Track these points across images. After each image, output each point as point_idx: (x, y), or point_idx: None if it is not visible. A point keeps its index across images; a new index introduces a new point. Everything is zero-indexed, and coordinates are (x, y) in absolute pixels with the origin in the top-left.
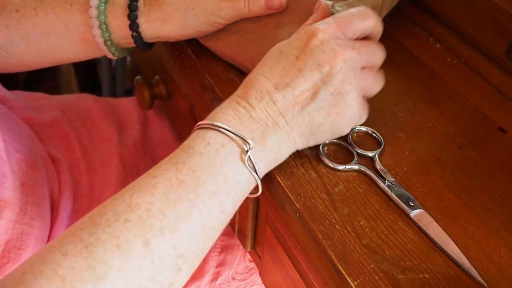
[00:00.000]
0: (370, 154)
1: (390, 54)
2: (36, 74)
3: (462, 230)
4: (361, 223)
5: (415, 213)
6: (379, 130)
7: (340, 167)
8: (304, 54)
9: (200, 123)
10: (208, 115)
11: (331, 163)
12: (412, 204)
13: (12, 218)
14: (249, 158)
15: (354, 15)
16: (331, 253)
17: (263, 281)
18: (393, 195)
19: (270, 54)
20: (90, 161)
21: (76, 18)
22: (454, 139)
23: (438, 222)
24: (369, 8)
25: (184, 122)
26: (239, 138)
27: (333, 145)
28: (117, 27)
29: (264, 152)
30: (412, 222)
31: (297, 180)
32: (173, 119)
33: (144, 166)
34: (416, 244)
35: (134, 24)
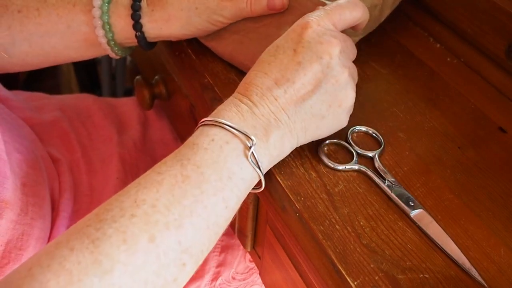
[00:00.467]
0: (370, 154)
1: (390, 54)
2: (36, 74)
3: (462, 230)
4: (361, 223)
5: (415, 213)
6: (379, 130)
7: (340, 167)
8: (302, 47)
9: (204, 120)
10: (212, 113)
11: (331, 163)
12: (412, 204)
13: (13, 219)
14: (252, 154)
15: (344, 7)
16: (331, 253)
17: (263, 281)
18: (393, 195)
19: (267, 50)
20: (90, 161)
21: (79, 18)
22: (454, 139)
23: (438, 222)
24: (369, 7)
25: (184, 122)
26: (242, 135)
27: (333, 145)
28: (120, 27)
29: (267, 148)
30: (412, 222)
31: (297, 180)
32: (173, 119)
33: (144, 166)
34: (416, 244)
35: (138, 24)
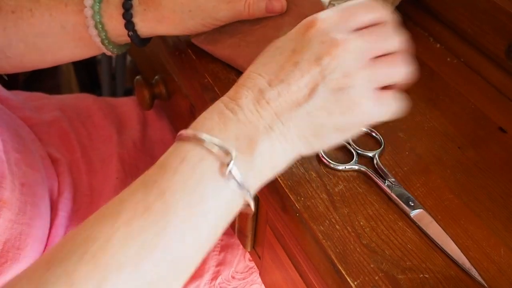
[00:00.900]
0: (370, 154)
1: None
2: (36, 74)
3: (462, 230)
4: (361, 223)
5: (415, 213)
6: (379, 130)
7: (340, 167)
8: (302, 46)
9: (181, 133)
10: (193, 121)
11: (331, 163)
12: (412, 204)
13: (11, 218)
14: (230, 172)
15: (357, 7)
16: (331, 253)
17: (263, 281)
18: (393, 195)
19: (266, 50)
20: (90, 161)
21: (72, 19)
22: (454, 139)
23: (438, 222)
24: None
25: (184, 122)
26: (219, 149)
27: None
28: (113, 26)
29: (252, 162)
30: (412, 222)
31: (297, 180)
32: (173, 119)
33: (144, 166)
34: (416, 244)
35: (130, 23)
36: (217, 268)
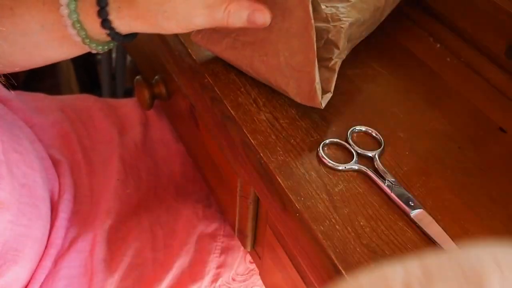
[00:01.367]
0: (370, 154)
1: (390, 54)
2: (36, 74)
3: (462, 230)
4: (361, 223)
5: (415, 213)
6: (379, 130)
7: (340, 167)
8: None
9: None
10: None
11: (331, 163)
12: (412, 204)
13: (10, 219)
14: None
15: None
16: (331, 253)
17: (263, 281)
18: (393, 195)
19: None
20: (91, 162)
21: (50, 17)
22: (454, 139)
23: (438, 222)
24: (372, 10)
25: (184, 122)
26: None
27: (333, 145)
28: (91, 25)
29: None
30: (412, 222)
31: (297, 180)
32: (173, 119)
33: (145, 167)
34: (416, 244)
35: (106, 22)
36: (218, 270)
